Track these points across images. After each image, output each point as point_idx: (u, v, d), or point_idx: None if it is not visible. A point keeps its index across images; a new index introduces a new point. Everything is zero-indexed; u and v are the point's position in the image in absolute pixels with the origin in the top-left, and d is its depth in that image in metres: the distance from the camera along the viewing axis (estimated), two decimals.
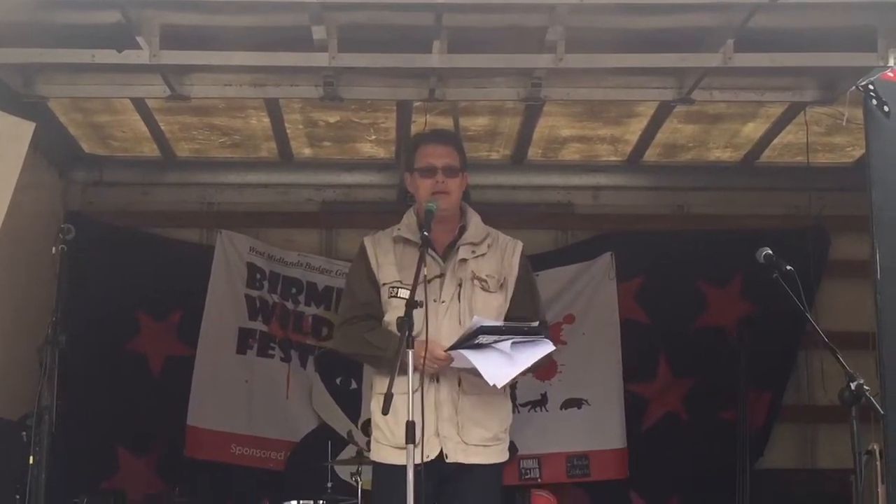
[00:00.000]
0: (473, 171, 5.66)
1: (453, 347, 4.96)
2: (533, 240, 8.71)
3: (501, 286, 5.24)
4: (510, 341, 4.94)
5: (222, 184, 8.88)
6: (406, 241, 5.25)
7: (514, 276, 5.28)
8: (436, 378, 5.02)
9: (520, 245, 5.36)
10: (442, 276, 5.14)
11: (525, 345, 4.99)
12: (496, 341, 4.94)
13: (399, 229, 5.30)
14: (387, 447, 5.12)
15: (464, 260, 5.20)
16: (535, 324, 5.11)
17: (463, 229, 5.26)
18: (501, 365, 4.92)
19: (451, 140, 5.38)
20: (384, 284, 5.22)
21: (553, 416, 8.67)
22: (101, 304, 8.20)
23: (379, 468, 5.23)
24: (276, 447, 8.55)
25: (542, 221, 9.03)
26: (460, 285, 5.16)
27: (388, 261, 5.24)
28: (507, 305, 5.24)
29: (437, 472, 4.98)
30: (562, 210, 9.05)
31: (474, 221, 5.31)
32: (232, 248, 8.65)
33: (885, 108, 5.50)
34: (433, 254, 5.13)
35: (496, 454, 5.20)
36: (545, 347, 5.04)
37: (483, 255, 5.25)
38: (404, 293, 5.07)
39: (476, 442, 5.11)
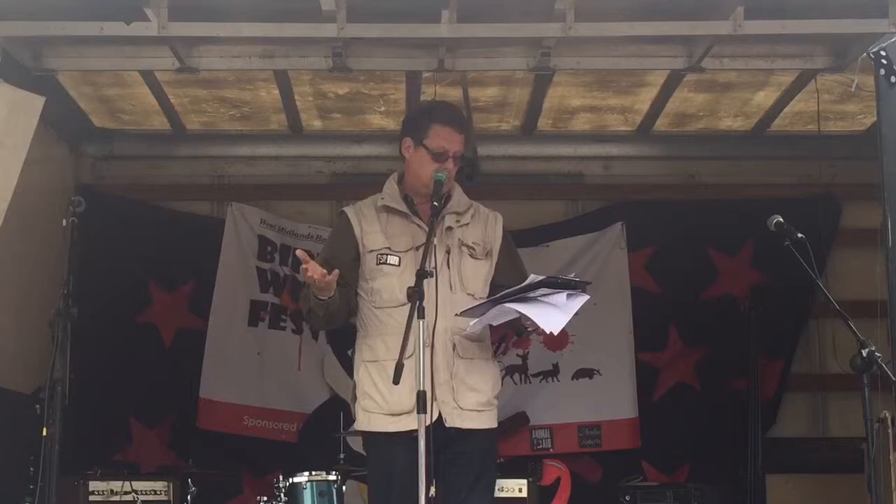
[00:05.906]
0: (483, 142, 5.68)
1: (501, 298, 4.96)
2: (543, 210, 8.79)
3: (487, 254, 5.28)
4: (565, 293, 4.96)
5: (232, 156, 8.88)
6: (390, 209, 5.25)
7: (498, 244, 5.32)
8: (430, 343, 4.99)
9: (500, 216, 5.42)
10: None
11: (570, 295, 5.01)
12: (546, 294, 4.95)
13: (383, 198, 5.29)
14: (378, 415, 5.12)
15: (450, 228, 5.22)
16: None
17: (447, 199, 5.25)
18: (552, 313, 4.93)
19: (465, 127, 5.34)
20: (371, 251, 5.21)
21: (565, 387, 8.67)
22: (113, 276, 8.22)
23: (372, 438, 5.20)
24: (289, 419, 8.58)
25: (553, 192, 9.03)
26: (448, 252, 5.18)
27: (373, 229, 5.23)
28: (493, 273, 5.26)
29: (435, 439, 4.96)
30: (572, 180, 9.04)
31: (457, 192, 5.32)
32: (243, 221, 8.66)
33: (893, 79, 5.50)
34: (420, 223, 5.16)
35: (489, 419, 5.21)
36: (583, 298, 5.04)
37: (467, 224, 5.28)
38: (393, 260, 5.13)
39: (471, 407, 5.12)
